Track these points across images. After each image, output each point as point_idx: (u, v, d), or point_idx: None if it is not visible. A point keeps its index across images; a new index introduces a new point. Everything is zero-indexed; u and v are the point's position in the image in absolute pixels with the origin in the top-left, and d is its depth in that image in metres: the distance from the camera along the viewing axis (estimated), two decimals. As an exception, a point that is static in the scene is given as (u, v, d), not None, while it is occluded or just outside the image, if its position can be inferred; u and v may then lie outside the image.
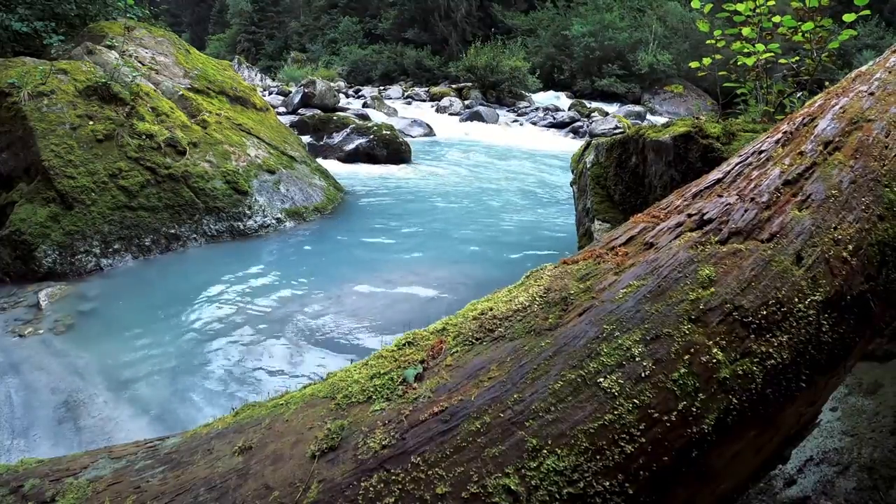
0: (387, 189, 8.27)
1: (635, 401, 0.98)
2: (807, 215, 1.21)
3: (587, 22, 25.37)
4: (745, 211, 1.22)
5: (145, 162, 5.27)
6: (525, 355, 1.06)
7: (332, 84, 18.64)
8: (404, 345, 1.18)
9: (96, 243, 4.79)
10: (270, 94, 18.96)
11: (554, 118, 17.74)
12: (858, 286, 1.17)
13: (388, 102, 19.16)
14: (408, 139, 11.25)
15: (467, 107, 19.15)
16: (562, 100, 22.40)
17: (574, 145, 11.74)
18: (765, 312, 1.08)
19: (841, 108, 1.47)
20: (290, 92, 16.87)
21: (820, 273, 1.14)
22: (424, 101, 21.55)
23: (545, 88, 24.47)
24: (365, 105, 17.43)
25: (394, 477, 0.94)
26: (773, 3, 3.48)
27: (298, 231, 6.04)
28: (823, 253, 1.16)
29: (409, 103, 20.93)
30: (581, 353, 1.03)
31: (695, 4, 3.97)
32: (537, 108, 19.97)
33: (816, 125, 1.42)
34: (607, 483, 0.94)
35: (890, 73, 1.59)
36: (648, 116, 19.38)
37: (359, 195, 7.70)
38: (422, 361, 1.11)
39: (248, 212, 5.82)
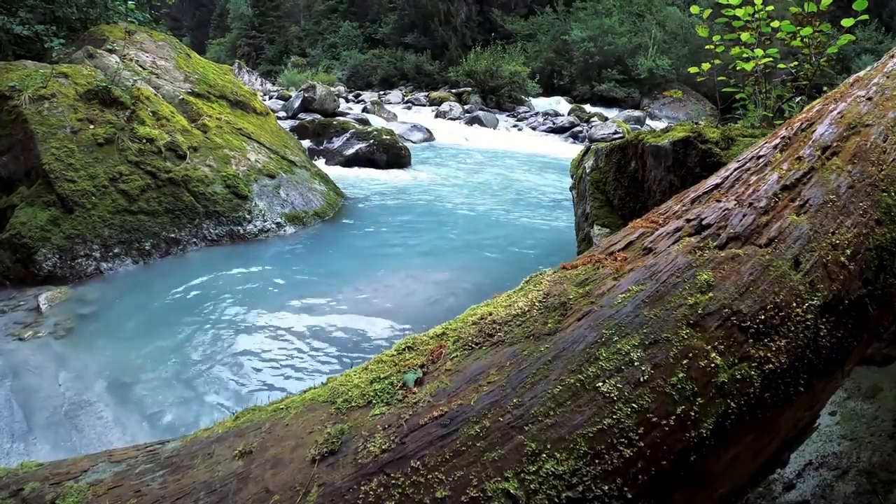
0: (386, 194, 8.29)
1: (634, 405, 0.98)
2: (805, 220, 1.21)
3: (587, 27, 25.43)
4: (744, 216, 1.22)
5: (145, 166, 5.28)
6: (524, 360, 1.06)
7: (332, 89, 18.70)
8: (404, 349, 1.18)
9: (96, 247, 4.79)
10: (270, 98, 19.06)
11: (553, 123, 17.77)
12: (856, 290, 1.17)
13: (387, 107, 19.20)
14: (407, 144, 11.27)
15: (467, 111, 19.18)
16: (561, 105, 22.40)
17: (573, 150, 11.75)
18: (763, 317, 1.08)
19: (839, 113, 1.47)
20: (291, 96, 16.91)
21: (818, 277, 1.14)
22: (424, 105, 21.58)
23: (545, 93, 24.49)
24: (365, 110, 17.47)
25: (394, 481, 0.94)
26: (772, 8, 3.49)
27: (298, 236, 6.04)
28: (821, 257, 1.17)
29: (409, 108, 20.98)
30: (580, 358, 1.04)
31: (694, 10, 4.00)
32: (537, 113, 20.01)
33: (814, 130, 1.43)
34: (606, 487, 0.94)
35: (888, 77, 1.60)
36: (648, 121, 19.43)
37: (358, 200, 7.71)
38: (421, 366, 1.11)
39: (248, 216, 5.83)
